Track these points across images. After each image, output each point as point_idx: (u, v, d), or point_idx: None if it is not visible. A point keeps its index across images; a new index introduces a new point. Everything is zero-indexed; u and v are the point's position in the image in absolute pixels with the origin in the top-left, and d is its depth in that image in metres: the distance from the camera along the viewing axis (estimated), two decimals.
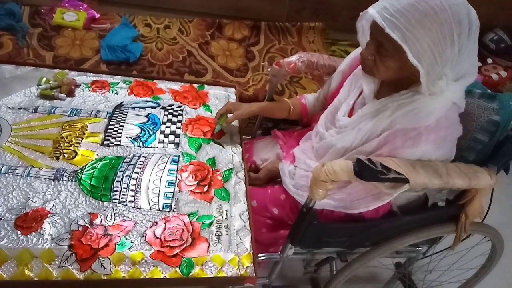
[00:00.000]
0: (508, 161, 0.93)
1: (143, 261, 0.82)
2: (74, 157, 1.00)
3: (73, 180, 0.94)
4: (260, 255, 1.02)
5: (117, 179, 0.96)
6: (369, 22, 0.84)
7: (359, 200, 0.93)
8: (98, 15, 1.95)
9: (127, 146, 1.05)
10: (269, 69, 1.23)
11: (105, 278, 0.79)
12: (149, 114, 1.16)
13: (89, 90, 1.20)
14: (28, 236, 0.82)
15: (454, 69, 0.81)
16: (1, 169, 0.93)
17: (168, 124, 1.15)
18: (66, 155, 1.00)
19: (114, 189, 0.94)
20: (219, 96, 1.31)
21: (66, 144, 1.02)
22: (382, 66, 0.84)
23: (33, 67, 1.24)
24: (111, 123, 1.11)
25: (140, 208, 0.92)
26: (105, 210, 0.90)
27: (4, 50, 1.68)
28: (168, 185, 0.98)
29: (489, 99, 0.97)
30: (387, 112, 0.88)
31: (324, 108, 1.13)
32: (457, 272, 1.23)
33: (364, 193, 0.92)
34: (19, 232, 0.83)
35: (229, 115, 1.14)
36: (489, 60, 2.32)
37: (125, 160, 1.01)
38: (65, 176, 0.95)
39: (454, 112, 0.88)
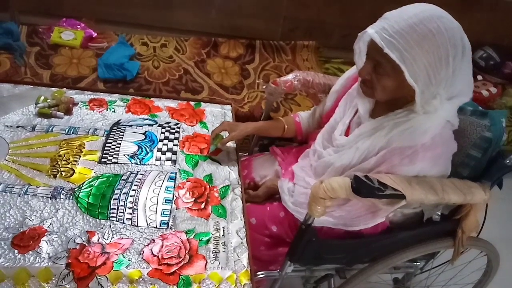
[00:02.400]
0: (501, 176, 0.95)
1: (141, 279, 0.82)
2: (72, 175, 1.00)
3: (71, 198, 0.94)
4: (259, 272, 1.01)
5: (114, 196, 0.96)
6: (366, 43, 0.86)
7: (359, 218, 0.94)
8: (95, 34, 1.98)
9: (124, 164, 1.06)
10: (264, 86, 1.25)
11: None
12: (146, 131, 1.17)
13: (86, 108, 1.21)
14: (25, 255, 0.82)
15: (448, 89, 0.84)
16: None
17: (165, 141, 1.16)
18: (63, 173, 1.00)
19: (112, 206, 0.94)
20: (216, 114, 1.32)
21: (63, 162, 1.03)
22: (378, 86, 0.86)
23: (31, 86, 1.25)
24: (108, 140, 1.11)
25: (137, 226, 0.91)
26: (102, 228, 0.89)
27: (1, 68, 1.69)
28: (165, 202, 0.98)
29: (480, 116, 0.99)
30: (384, 131, 0.90)
31: (320, 127, 1.14)
32: (454, 287, 1.23)
33: (363, 211, 0.93)
34: (16, 251, 0.82)
35: (224, 134, 1.15)
36: (479, 77, 2.37)
37: (122, 178, 1.01)
38: (63, 194, 0.95)
39: (448, 129, 0.90)
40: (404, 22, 0.79)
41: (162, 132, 1.18)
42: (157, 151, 1.12)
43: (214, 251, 0.90)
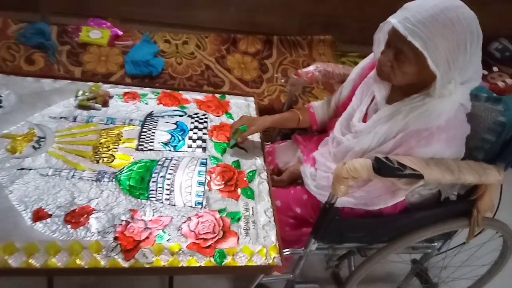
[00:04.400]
0: None
1: (181, 251, 0.90)
2: (113, 160, 1.09)
3: (113, 181, 1.03)
4: (285, 250, 1.09)
5: (152, 179, 1.05)
6: (386, 33, 0.92)
7: (379, 197, 1.00)
8: (121, 33, 2.08)
9: (159, 151, 1.14)
10: (282, 80, 1.32)
11: (147, 266, 0.87)
12: (177, 121, 1.26)
13: (121, 100, 1.30)
14: (77, 230, 0.91)
15: (463, 74, 0.90)
16: (48, 171, 1.03)
17: (195, 130, 1.24)
18: (105, 159, 1.09)
19: (151, 188, 1.03)
20: (240, 105, 1.40)
21: (104, 149, 1.12)
22: (399, 72, 0.93)
23: (69, 81, 1.35)
24: (143, 130, 1.20)
25: (175, 205, 1.00)
26: (143, 207, 0.98)
27: (36, 66, 1.80)
28: (199, 184, 1.06)
29: (494, 102, 1.05)
30: (401, 115, 0.96)
31: (336, 116, 1.21)
32: (470, 268, 1.28)
33: (383, 191, 0.99)
34: (69, 226, 0.91)
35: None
36: (495, 69, 2.39)
37: (158, 163, 1.10)
38: (106, 178, 1.04)
39: (462, 112, 0.95)
40: (425, 12, 0.85)
41: (191, 122, 1.27)
42: (188, 139, 1.20)
43: (245, 228, 0.98)
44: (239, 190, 1.08)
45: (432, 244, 1.20)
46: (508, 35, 2.42)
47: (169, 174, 1.07)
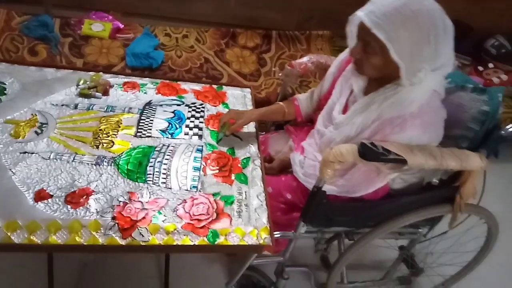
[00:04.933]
0: (497, 146, 1.05)
1: (176, 231, 0.95)
2: (112, 146, 1.14)
3: (112, 165, 1.08)
4: (275, 233, 1.13)
5: (150, 164, 1.10)
6: (356, 26, 0.96)
7: (359, 184, 1.05)
8: (122, 26, 2.12)
9: (157, 137, 1.19)
10: (280, 74, 1.36)
11: (143, 244, 0.92)
12: (175, 110, 1.30)
13: (121, 90, 1.35)
14: (77, 210, 0.96)
15: (432, 63, 0.93)
16: (50, 155, 1.07)
17: (192, 119, 1.29)
18: (105, 145, 1.14)
19: (148, 172, 1.07)
20: (236, 96, 1.44)
21: (104, 135, 1.16)
22: (368, 63, 0.97)
23: (71, 70, 1.40)
24: (142, 118, 1.25)
25: (171, 188, 1.05)
26: (141, 189, 1.03)
27: (39, 57, 1.85)
28: (194, 169, 1.11)
29: (480, 92, 1.09)
30: (375, 105, 1.00)
31: (319, 108, 1.25)
32: (456, 254, 1.33)
33: (362, 178, 1.04)
34: (69, 206, 0.96)
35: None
36: (490, 65, 2.42)
37: (156, 149, 1.15)
38: (105, 162, 1.09)
39: (436, 98, 0.99)
40: (389, 5, 0.89)
41: (189, 111, 1.31)
42: (185, 127, 1.25)
43: (238, 211, 1.03)
44: (233, 176, 1.12)
45: (418, 230, 1.24)
46: (504, 32, 2.44)
47: (166, 159, 1.12)
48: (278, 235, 1.12)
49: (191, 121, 1.27)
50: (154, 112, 1.28)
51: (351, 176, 1.05)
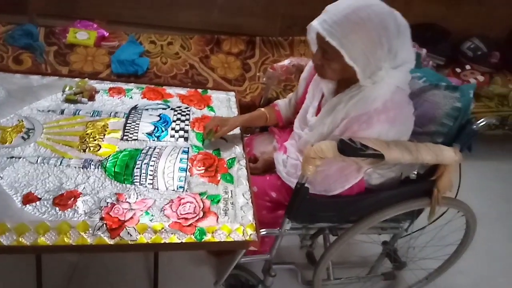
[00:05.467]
0: (470, 140, 1.10)
1: (163, 230, 0.97)
2: (99, 149, 1.16)
3: (99, 168, 1.10)
4: (261, 230, 1.16)
5: (136, 166, 1.12)
6: (315, 34, 1.01)
7: (335, 182, 1.09)
8: (107, 34, 2.15)
9: (143, 140, 1.21)
10: (264, 79, 1.40)
11: (132, 243, 0.94)
12: (160, 114, 1.33)
13: (107, 95, 1.37)
14: (65, 211, 0.97)
15: (391, 62, 0.98)
16: (37, 159, 1.09)
17: (178, 122, 1.31)
18: (91, 148, 1.16)
19: (135, 174, 1.10)
20: (221, 99, 1.48)
21: (91, 139, 1.18)
22: (328, 69, 1.02)
23: (57, 77, 1.42)
24: (128, 121, 1.27)
25: (158, 189, 1.07)
26: (128, 190, 1.05)
27: (24, 66, 1.86)
28: (180, 170, 1.13)
29: (452, 90, 1.14)
30: (341, 105, 1.05)
31: (296, 112, 1.30)
32: (436, 248, 1.37)
33: (338, 174, 1.08)
34: (57, 208, 0.98)
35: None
36: (467, 67, 2.51)
37: (142, 151, 1.17)
38: (92, 165, 1.10)
39: (400, 94, 1.04)
40: (339, 13, 0.93)
41: (174, 115, 1.34)
42: (171, 130, 1.27)
43: (224, 209, 1.05)
44: (219, 176, 1.15)
45: (400, 224, 1.28)
46: (480, 35, 2.54)
47: (153, 161, 1.14)
48: (264, 232, 1.15)
49: (176, 124, 1.30)
50: (140, 116, 1.30)
51: (328, 172, 1.08)
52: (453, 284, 1.65)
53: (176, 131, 1.27)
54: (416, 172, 1.11)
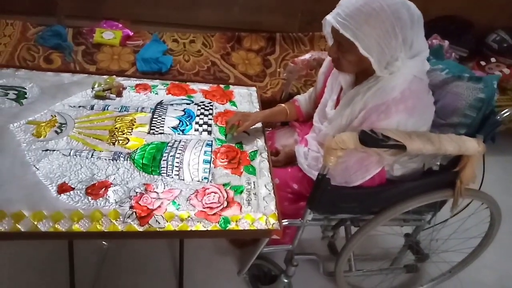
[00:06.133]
0: (493, 131, 1.09)
1: (189, 218, 1.01)
2: (127, 143, 1.21)
3: (128, 160, 1.15)
4: (283, 220, 1.18)
5: (163, 158, 1.16)
6: (330, 28, 1.03)
7: (355, 174, 1.10)
8: (132, 33, 2.21)
9: (169, 134, 1.26)
10: (284, 74, 1.42)
11: (160, 230, 0.98)
12: (185, 109, 1.37)
13: (134, 91, 1.42)
14: (97, 200, 1.02)
15: (407, 52, 0.99)
16: (70, 152, 1.15)
17: (201, 116, 1.35)
18: (120, 141, 1.21)
19: (162, 165, 1.14)
20: (243, 94, 1.51)
21: (120, 133, 1.23)
22: (344, 61, 1.04)
23: (86, 74, 1.48)
24: (154, 116, 1.32)
25: (183, 180, 1.11)
26: (156, 181, 1.09)
27: (54, 65, 1.94)
28: (205, 162, 1.17)
29: (476, 81, 1.14)
30: (359, 96, 1.07)
31: (316, 107, 1.31)
32: (460, 240, 1.37)
33: (357, 167, 1.09)
34: (89, 197, 1.03)
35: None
36: (493, 59, 2.46)
37: (168, 144, 1.21)
38: (121, 157, 1.15)
39: (418, 84, 1.04)
40: (352, 6, 0.95)
41: (198, 109, 1.38)
42: (195, 124, 1.31)
43: (247, 199, 1.08)
44: (241, 167, 1.18)
45: (422, 216, 1.28)
46: (505, 26, 2.48)
47: (178, 153, 1.18)
48: (286, 223, 1.17)
49: (200, 118, 1.34)
50: (165, 111, 1.35)
51: (348, 163, 1.10)
52: (477, 279, 1.63)
53: (200, 125, 1.31)
54: (439, 164, 1.10)
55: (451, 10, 2.41)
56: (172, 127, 1.28)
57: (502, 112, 1.09)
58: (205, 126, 1.31)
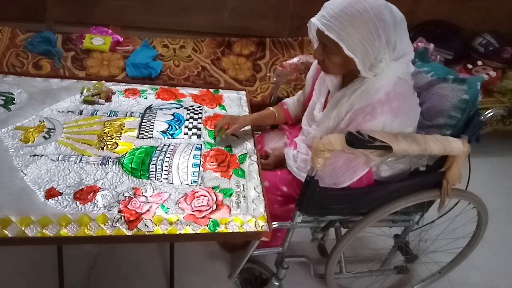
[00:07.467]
0: (478, 131, 1.11)
1: (178, 221, 1.01)
2: (116, 147, 1.21)
3: (117, 164, 1.15)
4: (273, 223, 1.18)
5: (152, 162, 1.16)
6: (315, 30, 1.04)
7: (343, 175, 1.11)
8: (122, 39, 2.21)
9: (158, 138, 1.26)
10: (274, 79, 1.44)
11: (148, 234, 0.98)
12: (174, 113, 1.37)
13: (123, 96, 1.43)
14: (85, 205, 1.02)
15: (391, 54, 1.01)
16: (58, 157, 1.14)
17: (191, 120, 1.36)
18: (109, 146, 1.21)
19: (151, 169, 1.14)
20: (232, 98, 1.52)
21: (108, 138, 1.23)
22: (329, 63, 1.06)
23: (75, 80, 1.48)
24: (143, 120, 1.32)
25: (172, 183, 1.11)
26: (144, 185, 1.09)
27: (43, 71, 1.93)
28: (194, 166, 1.17)
29: (460, 82, 1.16)
30: (345, 98, 1.08)
31: (305, 110, 1.33)
32: (449, 240, 1.38)
33: (345, 167, 1.10)
34: (78, 202, 1.02)
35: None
36: (479, 62, 2.49)
37: (157, 148, 1.22)
38: (110, 162, 1.15)
39: (402, 85, 1.06)
40: (336, 8, 0.97)
41: (187, 113, 1.38)
42: (185, 128, 1.32)
43: (236, 202, 1.09)
44: (231, 170, 1.19)
45: (410, 217, 1.29)
46: (491, 30, 2.53)
47: (167, 157, 1.19)
48: (276, 225, 1.18)
49: (189, 122, 1.35)
50: (154, 115, 1.35)
51: (335, 165, 1.11)
52: (467, 280, 1.65)
53: (189, 129, 1.32)
54: (425, 164, 1.12)
55: (439, 14, 2.45)
56: (161, 131, 1.29)
57: (486, 113, 1.11)
58: (194, 130, 1.32)
